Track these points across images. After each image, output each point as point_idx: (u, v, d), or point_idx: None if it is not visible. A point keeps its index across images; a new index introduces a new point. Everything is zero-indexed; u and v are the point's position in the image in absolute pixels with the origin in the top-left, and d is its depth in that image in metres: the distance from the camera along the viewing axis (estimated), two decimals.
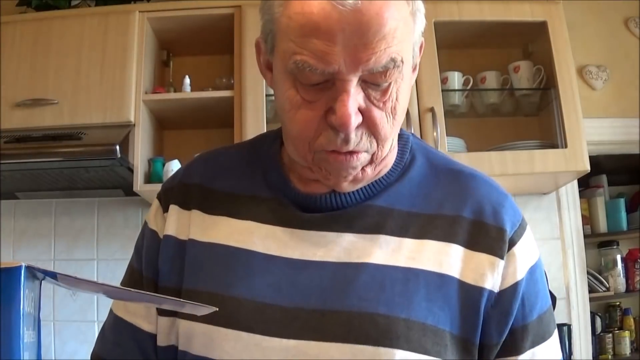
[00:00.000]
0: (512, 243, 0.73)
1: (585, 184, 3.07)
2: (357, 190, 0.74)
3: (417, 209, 0.73)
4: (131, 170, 2.03)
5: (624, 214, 3.11)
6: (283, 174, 0.77)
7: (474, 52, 2.39)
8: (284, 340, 0.67)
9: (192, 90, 2.16)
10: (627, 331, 2.96)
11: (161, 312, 0.78)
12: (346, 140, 0.66)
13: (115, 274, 2.29)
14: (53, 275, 0.55)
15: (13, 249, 2.33)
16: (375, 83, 0.65)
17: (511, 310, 0.71)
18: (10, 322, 0.49)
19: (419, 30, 0.70)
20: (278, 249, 0.72)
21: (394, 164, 0.77)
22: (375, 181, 0.75)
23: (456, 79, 2.23)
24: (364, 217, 0.73)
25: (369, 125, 0.67)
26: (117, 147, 1.92)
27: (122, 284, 0.84)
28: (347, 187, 0.73)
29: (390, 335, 0.65)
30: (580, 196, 2.57)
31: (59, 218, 2.37)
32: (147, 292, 0.62)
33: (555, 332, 0.76)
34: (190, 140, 2.34)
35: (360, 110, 0.65)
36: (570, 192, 2.45)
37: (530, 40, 2.32)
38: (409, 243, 0.71)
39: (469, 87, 2.25)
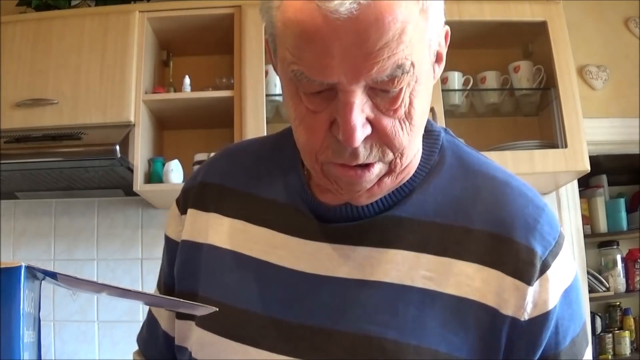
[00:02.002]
0: (545, 266, 0.64)
1: (585, 184, 3.07)
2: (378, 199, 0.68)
3: (440, 219, 0.66)
4: (131, 170, 2.03)
5: (624, 214, 3.11)
6: (302, 179, 0.73)
7: (474, 52, 2.38)
8: (289, 359, 0.65)
9: (192, 90, 2.16)
10: (627, 331, 2.96)
11: (178, 316, 0.78)
12: (354, 155, 0.60)
13: (115, 274, 2.29)
14: (53, 275, 0.55)
15: (13, 249, 2.33)
16: (383, 90, 0.58)
17: (541, 341, 0.63)
18: (10, 322, 0.49)
19: (435, 25, 0.62)
20: (290, 261, 0.69)
21: (419, 166, 0.69)
22: (398, 188, 0.68)
23: (456, 79, 2.23)
24: (381, 229, 0.67)
25: (380, 136, 0.60)
26: (117, 147, 1.92)
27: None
28: (363, 201, 0.66)
29: None
30: (580, 196, 2.57)
31: (59, 218, 2.37)
32: (147, 293, 0.61)
33: (589, 348, 0.69)
34: (190, 140, 2.34)
35: (369, 120, 0.59)
36: (570, 192, 2.45)
37: (530, 40, 2.32)
38: (427, 260, 0.65)
39: (469, 87, 2.25)
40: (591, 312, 2.45)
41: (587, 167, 2.05)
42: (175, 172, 2.07)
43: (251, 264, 0.71)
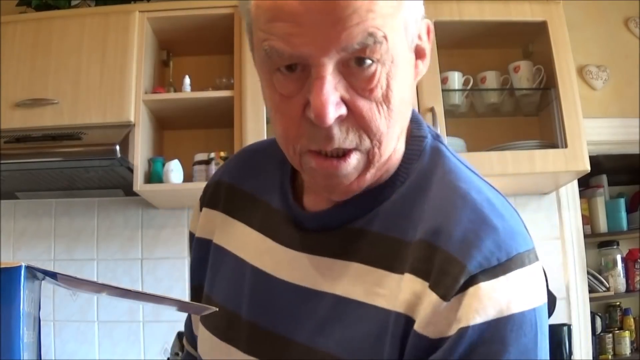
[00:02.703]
0: (469, 283, 0.56)
1: (585, 184, 3.07)
2: (347, 208, 0.66)
3: (396, 233, 0.63)
4: (131, 170, 2.03)
5: (624, 214, 3.11)
6: (289, 185, 0.72)
7: (474, 52, 2.39)
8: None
9: (192, 90, 2.16)
10: (627, 331, 2.96)
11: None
12: (328, 137, 0.58)
13: (115, 274, 2.29)
14: (53, 275, 0.55)
15: (13, 249, 2.33)
16: (357, 65, 0.56)
17: None
18: (10, 322, 0.49)
19: (412, 8, 0.61)
20: (272, 268, 0.70)
21: (400, 173, 0.66)
22: (377, 192, 0.65)
23: (456, 79, 2.23)
24: (343, 239, 0.65)
25: (356, 118, 0.58)
26: (117, 147, 1.92)
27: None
28: (339, 197, 0.65)
29: None
30: (580, 196, 2.57)
31: (59, 218, 2.37)
32: (147, 292, 0.61)
33: None
34: (190, 140, 2.34)
35: (344, 101, 0.57)
36: (570, 192, 2.45)
37: (530, 40, 2.32)
38: (375, 276, 0.62)
39: (469, 87, 2.25)
40: (591, 312, 2.45)
41: (587, 167, 2.05)
42: (175, 172, 2.07)
43: (244, 267, 0.72)
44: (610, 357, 2.86)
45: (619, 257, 3.00)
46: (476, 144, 2.21)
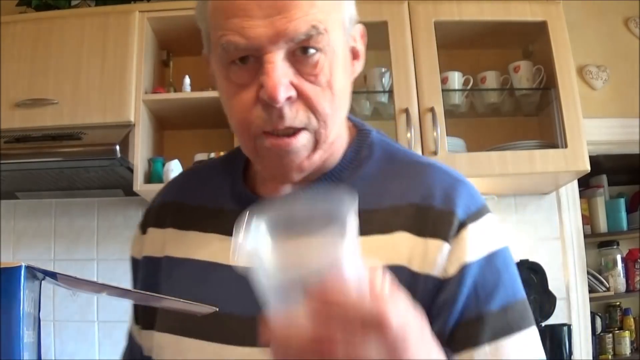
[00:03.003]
0: (462, 226, 0.69)
1: (585, 184, 3.07)
2: (319, 188, 0.72)
3: (366, 205, 0.68)
4: (131, 170, 2.03)
5: (624, 214, 3.11)
6: (243, 185, 0.79)
7: (474, 52, 2.39)
8: (241, 348, 0.69)
9: (192, 90, 2.16)
10: (627, 331, 2.97)
11: (143, 325, 0.81)
12: (280, 116, 0.65)
13: (115, 274, 2.29)
14: (53, 275, 0.55)
15: (13, 249, 2.33)
16: (303, 55, 0.65)
17: (457, 297, 0.66)
18: (10, 322, 0.49)
19: (350, 10, 0.71)
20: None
21: (349, 160, 0.75)
22: (326, 175, 0.74)
23: (456, 79, 2.23)
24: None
25: (304, 100, 0.66)
26: (117, 147, 1.92)
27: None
28: (294, 176, 0.71)
29: None
30: (580, 196, 2.57)
31: (59, 218, 2.37)
32: (147, 292, 0.61)
33: (531, 329, 0.69)
34: (190, 140, 2.34)
35: (293, 85, 0.65)
36: (570, 192, 2.45)
37: (530, 40, 2.32)
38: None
39: (469, 87, 2.25)
40: (591, 312, 2.45)
41: (587, 167, 2.05)
42: (175, 172, 2.07)
43: (206, 267, 0.75)
44: (610, 357, 2.86)
45: (619, 257, 3.00)
46: (476, 144, 2.20)
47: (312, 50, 0.65)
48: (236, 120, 0.70)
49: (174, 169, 2.07)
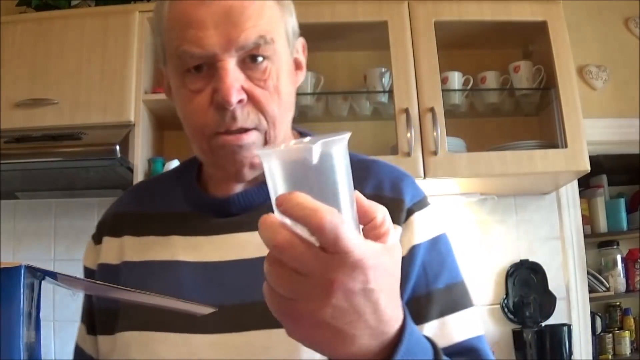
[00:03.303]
0: (410, 212, 0.77)
1: (585, 184, 3.07)
2: (263, 187, 0.76)
3: None
4: (131, 170, 2.03)
5: (624, 214, 3.11)
6: (197, 188, 0.84)
7: (474, 52, 2.39)
8: (208, 336, 0.72)
9: None
10: (627, 331, 2.96)
11: (102, 331, 0.84)
12: (233, 117, 0.72)
13: None
14: (53, 275, 0.55)
15: (13, 249, 2.33)
16: (252, 62, 0.72)
17: (409, 275, 0.73)
18: (10, 322, 0.49)
19: (292, 23, 0.79)
20: (200, 256, 0.78)
21: None
22: None
23: (456, 79, 2.23)
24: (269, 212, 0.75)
25: (255, 103, 0.73)
26: (117, 147, 1.91)
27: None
28: (247, 173, 0.76)
29: None
30: (580, 196, 2.57)
31: (59, 218, 2.37)
32: (147, 293, 0.61)
33: (472, 309, 0.76)
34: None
35: (244, 89, 0.72)
36: (570, 192, 2.45)
37: (530, 40, 2.32)
38: None
39: (469, 87, 2.25)
40: (591, 312, 2.45)
41: (587, 167, 2.05)
42: None
43: (167, 266, 0.79)
44: (610, 357, 2.86)
45: (619, 257, 3.00)
46: (476, 144, 2.20)
47: (260, 58, 0.72)
48: (192, 123, 0.75)
49: None
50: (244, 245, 0.76)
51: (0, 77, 2.04)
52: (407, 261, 0.74)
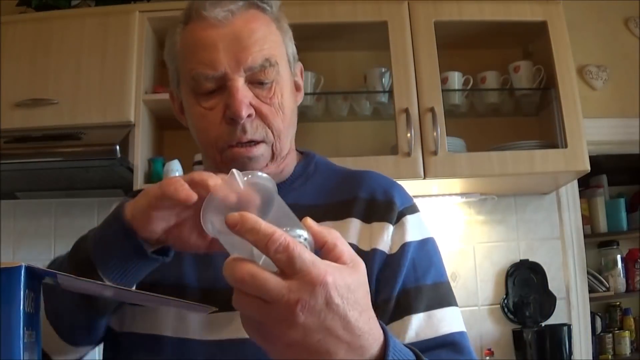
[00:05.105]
0: (402, 215, 0.85)
1: (585, 184, 3.07)
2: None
3: (318, 202, 0.87)
4: (131, 170, 2.03)
5: (624, 214, 3.11)
6: None
7: (474, 52, 2.39)
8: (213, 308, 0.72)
9: None
10: (627, 331, 2.96)
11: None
12: (244, 130, 0.80)
13: None
14: (53, 275, 0.55)
15: (13, 249, 2.33)
16: (259, 82, 0.81)
17: (400, 268, 0.80)
18: (10, 322, 0.49)
19: (292, 48, 0.89)
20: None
21: (298, 172, 0.91)
22: (281, 184, 0.87)
23: (456, 79, 2.23)
24: None
25: (262, 118, 0.81)
26: (117, 147, 1.91)
27: None
28: None
29: None
30: (580, 196, 2.57)
31: (59, 218, 2.37)
32: (147, 293, 0.61)
33: (456, 308, 0.81)
34: (190, 140, 2.27)
35: (252, 105, 0.80)
36: (570, 192, 2.45)
37: (530, 40, 2.32)
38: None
39: (469, 87, 2.25)
40: (591, 312, 2.45)
41: (587, 167, 2.05)
42: (175, 172, 2.07)
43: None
44: (610, 357, 2.86)
45: (619, 257, 3.00)
46: (476, 144, 2.20)
47: (266, 81, 0.81)
48: (205, 137, 0.84)
49: (174, 169, 2.07)
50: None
51: (0, 77, 2.04)
52: (398, 256, 0.81)
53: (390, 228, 0.83)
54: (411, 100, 2.06)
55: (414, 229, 0.84)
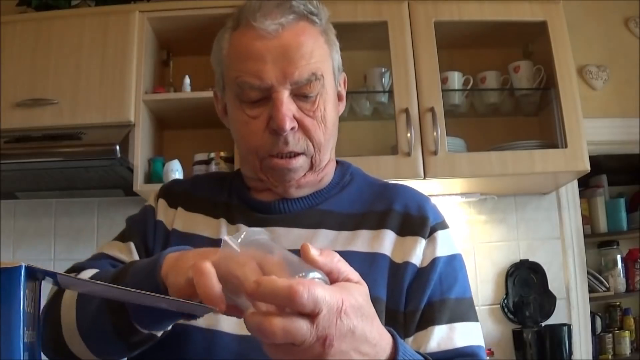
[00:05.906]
0: (433, 230, 0.87)
1: (585, 184, 3.07)
2: (303, 198, 0.90)
3: (354, 210, 0.89)
4: (131, 170, 2.03)
5: (624, 214, 3.11)
6: (245, 187, 0.94)
7: (474, 52, 2.39)
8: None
9: (192, 90, 2.16)
10: (627, 331, 2.96)
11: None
12: (286, 142, 0.82)
13: None
14: (53, 275, 0.55)
15: (13, 249, 2.33)
16: (304, 95, 0.82)
17: (429, 282, 0.82)
18: (10, 322, 0.49)
19: (337, 60, 0.90)
20: None
21: (335, 181, 0.93)
22: (318, 191, 0.91)
23: (456, 79, 2.23)
24: (309, 217, 0.88)
25: (304, 131, 0.83)
26: (117, 147, 1.91)
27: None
28: (293, 192, 0.88)
29: None
30: (580, 196, 2.57)
31: (59, 218, 2.37)
32: (147, 293, 0.61)
33: (477, 324, 0.84)
34: (190, 140, 2.34)
35: (295, 118, 0.82)
36: (570, 192, 2.45)
37: (530, 40, 2.32)
38: (345, 234, 0.86)
39: (469, 87, 2.25)
40: (591, 312, 2.45)
41: (587, 167, 2.05)
42: (175, 172, 2.07)
43: (209, 243, 0.87)
44: (610, 357, 2.86)
45: (619, 257, 3.00)
46: (476, 144, 2.20)
47: (311, 94, 0.83)
48: (247, 144, 0.86)
49: (174, 169, 2.07)
50: (279, 239, 0.84)
51: (0, 77, 2.04)
52: (428, 270, 0.84)
53: (423, 242, 0.86)
54: (411, 100, 2.06)
55: (444, 244, 0.87)
